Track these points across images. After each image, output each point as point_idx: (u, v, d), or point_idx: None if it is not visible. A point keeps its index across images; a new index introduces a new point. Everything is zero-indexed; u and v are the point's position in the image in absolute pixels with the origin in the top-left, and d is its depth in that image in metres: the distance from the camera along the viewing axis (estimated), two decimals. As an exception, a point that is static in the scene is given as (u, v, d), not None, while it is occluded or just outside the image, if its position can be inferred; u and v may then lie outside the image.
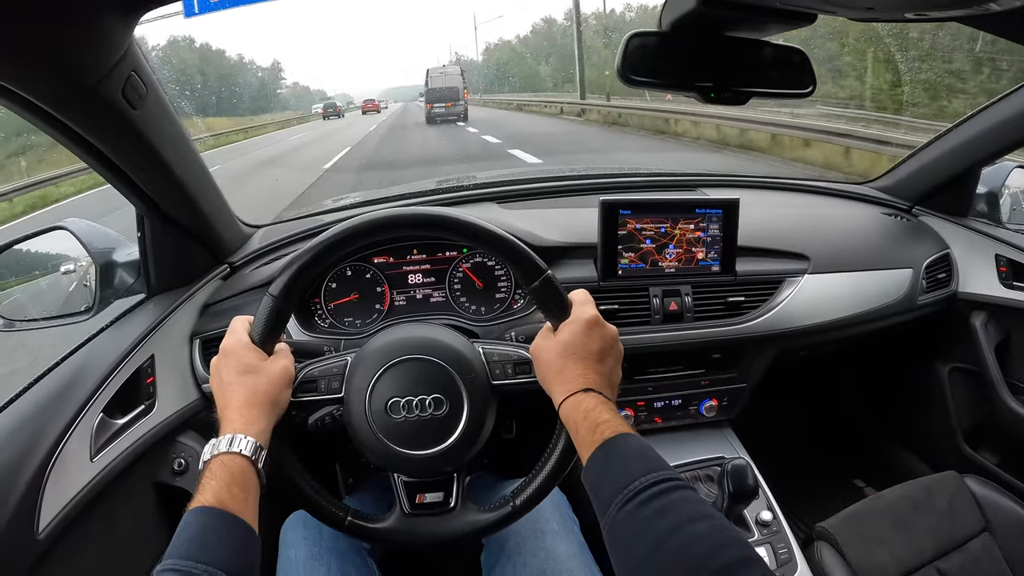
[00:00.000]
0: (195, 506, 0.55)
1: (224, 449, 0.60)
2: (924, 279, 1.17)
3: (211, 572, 0.50)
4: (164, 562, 0.51)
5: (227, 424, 0.63)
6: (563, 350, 0.66)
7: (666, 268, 1.01)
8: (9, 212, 8.36)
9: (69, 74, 0.65)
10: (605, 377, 0.65)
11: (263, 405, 0.65)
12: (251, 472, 0.60)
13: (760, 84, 0.85)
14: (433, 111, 18.38)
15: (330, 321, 1.01)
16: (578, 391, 0.63)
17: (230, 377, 0.66)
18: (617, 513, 0.53)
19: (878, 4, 0.69)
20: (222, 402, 0.65)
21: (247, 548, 0.55)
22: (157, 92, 0.80)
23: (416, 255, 1.02)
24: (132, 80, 0.73)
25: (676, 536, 0.49)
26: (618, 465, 0.56)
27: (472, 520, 0.72)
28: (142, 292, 1.03)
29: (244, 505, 0.57)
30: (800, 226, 1.17)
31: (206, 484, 0.57)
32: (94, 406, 0.82)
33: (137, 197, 0.91)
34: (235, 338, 0.68)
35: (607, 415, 0.60)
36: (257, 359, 0.67)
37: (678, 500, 0.52)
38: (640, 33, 0.81)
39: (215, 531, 0.54)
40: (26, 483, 0.70)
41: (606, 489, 0.55)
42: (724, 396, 1.09)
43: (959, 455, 1.30)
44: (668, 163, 7.53)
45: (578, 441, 0.61)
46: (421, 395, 0.69)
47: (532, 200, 1.22)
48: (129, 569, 0.91)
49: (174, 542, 0.53)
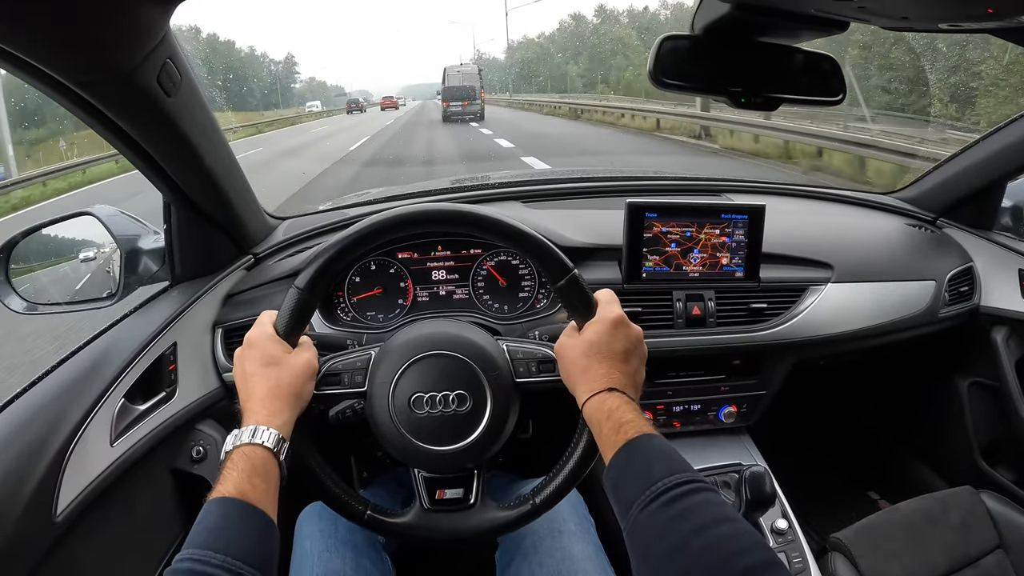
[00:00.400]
0: (215, 496, 0.55)
1: (247, 440, 0.60)
2: (947, 292, 1.17)
3: (230, 563, 0.50)
4: (183, 551, 0.51)
5: (250, 415, 0.63)
6: (588, 349, 0.66)
7: (690, 272, 1.01)
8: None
9: (106, 59, 0.66)
10: (629, 377, 0.66)
11: (286, 397, 0.65)
12: (273, 464, 0.60)
13: (790, 90, 0.86)
14: (449, 109, 18.81)
15: (353, 315, 1.02)
16: (602, 390, 0.63)
17: (254, 368, 0.66)
18: (639, 513, 0.53)
19: (912, 13, 0.69)
20: (245, 393, 0.66)
21: (266, 540, 0.55)
22: (191, 81, 0.81)
23: (440, 251, 1.03)
24: (167, 67, 0.74)
25: (699, 538, 0.49)
26: (641, 465, 0.57)
27: (491, 517, 0.73)
28: (166, 280, 1.04)
29: (265, 497, 0.57)
30: (824, 234, 1.17)
31: (227, 474, 0.57)
32: (116, 391, 0.83)
33: (165, 185, 0.92)
34: (260, 330, 0.69)
35: (631, 415, 0.61)
36: (281, 351, 0.67)
37: (701, 502, 0.52)
38: (672, 36, 0.81)
39: (235, 522, 0.54)
40: (46, 465, 0.70)
41: (628, 489, 0.56)
42: (743, 403, 1.09)
43: (975, 470, 1.29)
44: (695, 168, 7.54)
45: (601, 440, 0.62)
46: (445, 391, 0.70)
47: (557, 200, 1.22)
48: (144, 554, 0.91)
49: (193, 531, 0.53)
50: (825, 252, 1.09)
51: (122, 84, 0.70)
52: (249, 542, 0.53)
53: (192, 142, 0.85)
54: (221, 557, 0.50)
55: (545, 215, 1.12)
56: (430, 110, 28.82)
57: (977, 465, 1.30)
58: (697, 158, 8.74)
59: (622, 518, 0.56)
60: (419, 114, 28.70)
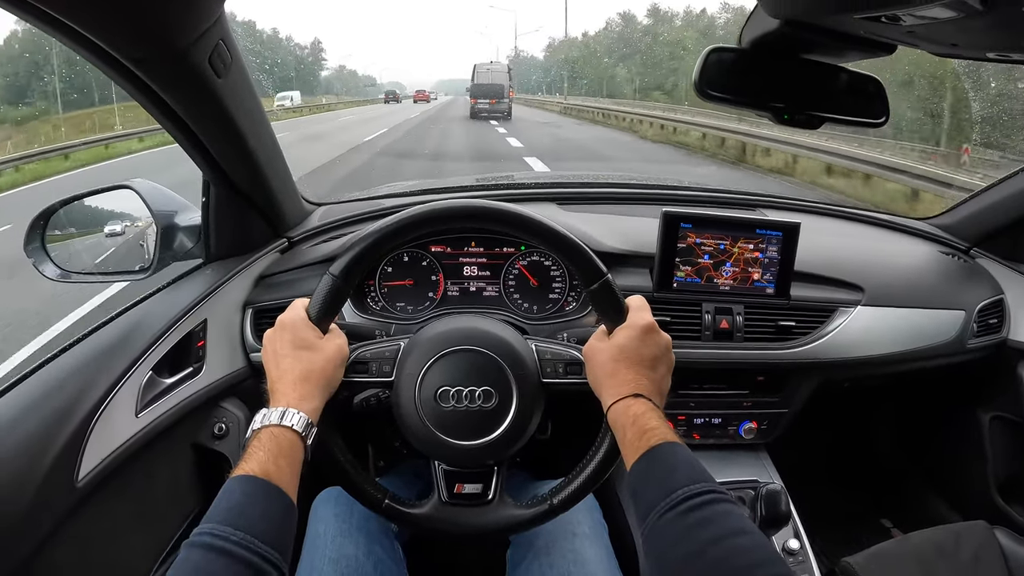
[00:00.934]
0: (239, 473, 0.56)
1: (275, 421, 0.61)
2: (976, 323, 1.16)
3: (248, 540, 0.50)
4: (202, 525, 0.51)
5: (279, 397, 0.64)
6: (617, 354, 0.67)
7: (721, 285, 1.01)
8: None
9: (162, 37, 0.67)
10: (656, 384, 0.66)
11: (317, 382, 0.66)
12: (299, 447, 0.61)
13: (833, 110, 0.86)
14: (477, 107, 19.43)
15: (382, 304, 1.03)
16: (628, 396, 0.64)
17: (285, 350, 0.67)
18: (658, 520, 0.54)
19: (962, 41, 0.69)
20: (275, 374, 0.66)
21: (286, 521, 0.56)
22: (240, 63, 0.82)
23: (474, 247, 1.04)
24: (219, 48, 0.75)
25: (717, 547, 0.50)
26: (663, 472, 0.58)
27: (509, 515, 0.74)
28: (199, 257, 1.05)
29: (288, 479, 0.58)
30: (857, 256, 1.17)
31: (252, 453, 0.58)
32: (144, 363, 0.85)
33: (206, 164, 0.94)
34: (293, 313, 0.70)
35: (655, 422, 0.61)
36: (313, 336, 0.68)
37: (721, 513, 0.53)
38: (719, 48, 0.82)
39: (257, 501, 0.54)
40: (71, 432, 0.72)
41: (649, 495, 0.57)
42: (764, 420, 1.09)
43: (991, 506, 1.28)
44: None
45: (624, 445, 0.63)
46: (471, 386, 0.71)
47: (591, 204, 1.23)
48: (159, 526, 0.93)
49: (215, 507, 0.53)
50: (857, 274, 1.09)
51: (175, 62, 0.71)
52: (269, 523, 0.53)
53: (237, 123, 0.87)
54: (240, 535, 0.50)
55: (579, 218, 1.13)
56: (458, 106, 28.93)
57: (993, 500, 1.29)
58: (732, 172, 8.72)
59: (640, 523, 0.57)
60: (446, 109, 29.38)
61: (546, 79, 61.98)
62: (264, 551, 0.50)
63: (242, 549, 0.49)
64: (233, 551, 0.49)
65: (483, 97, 19.86)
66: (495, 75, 20.53)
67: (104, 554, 0.81)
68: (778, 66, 0.83)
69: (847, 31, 0.73)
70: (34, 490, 0.66)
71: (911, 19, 0.61)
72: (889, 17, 0.61)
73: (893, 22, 0.63)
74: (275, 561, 0.51)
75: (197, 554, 0.49)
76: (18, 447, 0.67)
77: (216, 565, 0.49)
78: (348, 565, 0.79)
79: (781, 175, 8.41)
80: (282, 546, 0.53)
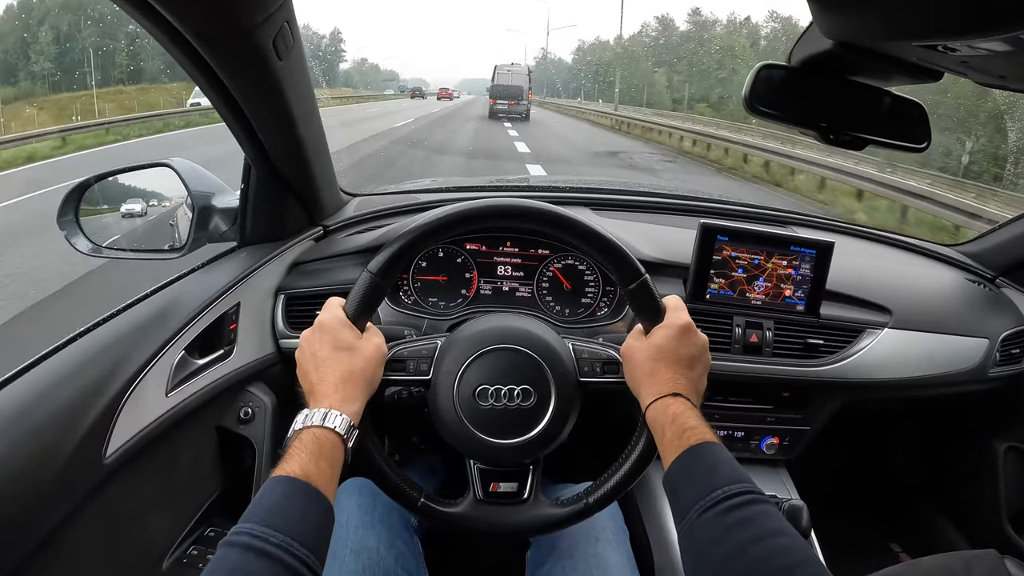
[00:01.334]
0: (280, 474, 0.55)
1: (318, 423, 0.60)
2: (999, 352, 1.17)
3: (288, 543, 0.50)
4: (241, 525, 0.51)
5: (321, 399, 0.63)
6: (655, 353, 0.68)
7: (753, 299, 1.02)
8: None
9: (231, 14, 0.68)
10: (693, 384, 0.67)
11: (359, 383, 0.66)
12: (340, 450, 0.60)
13: (877, 132, 0.87)
14: (496, 107, 19.68)
15: (415, 298, 1.04)
16: (667, 395, 0.65)
17: (325, 352, 0.66)
18: (698, 518, 0.55)
19: (1012, 73, 0.70)
20: (316, 376, 0.65)
21: (324, 525, 0.55)
22: (300, 47, 0.83)
23: (509, 247, 1.04)
24: (284, 31, 0.76)
25: (757, 547, 0.51)
26: (702, 472, 0.58)
27: (544, 514, 0.74)
28: (233, 240, 1.06)
29: (328, 482, 0.57)
30: (885, 278, 1.18)
31: (294, 454, 0.57)
32: (178, 343, 0.85)
33: (251, 145, 0.94)
34: (332, 314, 0.69)
35: (694, 421, 0.62)
36: (353, 337, 0.67)
37: (761, 513, 0.53)
38: (770, 65, 0.83)
39: (296, 503, 0.54)
40: (103, 406, 0.72)
41: (688, 493, 0.57)
42: (786, 436, 1.10)
43: (1002, 536, 1.29)
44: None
45: (663, 444, 0.63)
46: (511, 385, 0.71)
47: (626, 211, 1.24)
48: (179, 507, 0.94)
49: (253, 507, 0.53)
50: (885, 296, 1.10)
51: (240, 41, 0.72)
52: (308, 525, 0.53)
53: (290, 107, 0.87)
54: (280, 536, 0.50)
55: (615, 224, 1.14)
56: (478, 106, 28.33)
57: (1004, 530, 1.30)
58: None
59: (678, 521, 0.58)
60: (466, 108, 29.05)
61: (572, 83, 58.78)
62: (303, 554, 0.50)
63: (282, 551, 0.49)
64: (273, 553, 0.49)
65: (502, 98, 20.05)
66: (515, 76, 20.61)
67: (126, 531, 0.81)
68: (825, 86, 0.84)
69: (900, 56, 0.75)
70: (62, 463, 0.66)
71: (968, 50, 0.62)
72: (946, 46, 0.62)
73: (949, 51, 0.64)
74: (313, 566, 0.51)
75: (236, 554, 0.49)
76: (49, 419, 0.67)
77: (255, 566, 0.48)
78: (369, 557, 0.79)
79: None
80: (319, 550, 0.53)
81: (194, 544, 0.94)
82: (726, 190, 8.71)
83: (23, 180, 7.83)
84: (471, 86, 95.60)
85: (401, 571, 0.81)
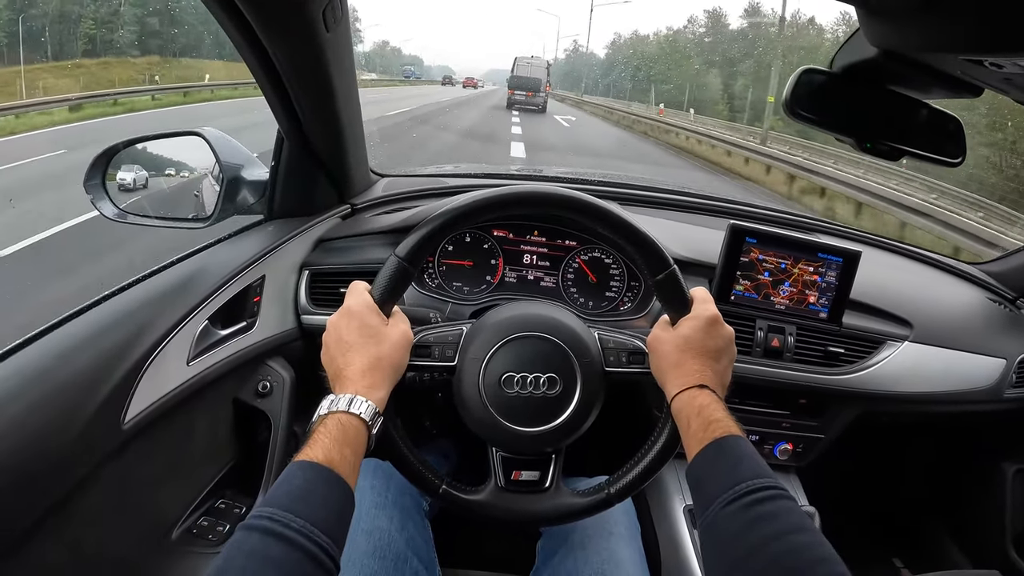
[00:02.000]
0: (303, 459, 0.55)
1: (343, 408, 0.60)
2: (1015, 373, 1.18)
3: (308, 528, 0.50)
4: (262, 508, 0.51)
5: (347, 384, 0.63)
6: (682, 344, 0.68)
7: (777, 304, 1.03)
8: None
9: None
10: (719, 376, 0.67)
11: (386, 370, 0.65)
12: (364, 436, 0.60)
13: (913, 144, 0.87)
14: (514, 97, 20.24)
15: (439, 282, 1.04)
16: (693, 386, 0.65)
17: (352, 337, 0.66)
18: (721, 511, 0.55)
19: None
20: (342, 362, 0.65)
21: (345, 512, 0.55)
22: (348, 20, 0.83)
23: (536, 236, 1.05)
24: (334, 2, 0.76)
25: (779, 542, 0.51)
26: (727, 465, 0.59)
27: (566, 503, 0.74)
28: (259, 213, 1.06)
29: (350, 469, 0.57)
30: (908, 292, 1.18)
31: (318, 439, 0.57)
32: (202, 312, 0.85)
33: (287, 117, 0.94)
34: (359, 299, 0.68)
35: (720, 414, 0.63)
36: (380, 323, 0.67)
37: (784, 509, 0.54)
38: (812, 70, 0.84)
39: (319, 489, 0.54)
40: (125, 371, 0.72)
41: (711, 486, 0.58)
42: (800, 443, 1.11)
43: (1004, 558, 1.30)
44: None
45: (688, 436, 0.63)
46: (537, 373, 0.71)
47: (653, 208, 1.25)
48: (194, 476, 0.94)
49: (275, 491, 0.53)
50: (907, 310, 1.11)
51: (292, 7, 0.72)
52: (329, 512, 0.53)
53: (331, 81, 0.87)
54: (300, 522, 0.50)
55: (642, 219, 1.14)
56: (498, 96, 27.87)
57: (1007, 552, 1.30)
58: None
59: (700, 513, 0.58)
60: (485, 97, 29.38)
61: (603, 80, 54.64)
62: (322, 541, 0.50)
63: (302, 537, 0.49)
64: (293, 538, 0.49)
65: (520, 89, 20.56)
66: (534, 69, 21.15)
67: (138, 499, 0.82)
68: (865, 94, 0.85)
69: (943, 69, 0.75)
70: (82, 425, 0.66)
71: (1014, 67, 0.62)
72: (994, 62, 0.63)
73: (996, 68, 0.64)
74: (332, 553, 0.51)
75: (255, 537, 0.49)
76: (71, 381, 0.67)
77: (275, 551, 0.48)
78: (381, 539, 0.80)
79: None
80: (339, 537, 0.53)
81: (204, 515, 0.94)
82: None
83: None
84: (496, 76, 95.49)
85: (411, 553, 0.81)
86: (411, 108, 16.77)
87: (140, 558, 0.83)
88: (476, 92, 37.35)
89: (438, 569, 0.86)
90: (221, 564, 0.47)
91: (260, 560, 0.47)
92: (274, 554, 0.48)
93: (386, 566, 0.77)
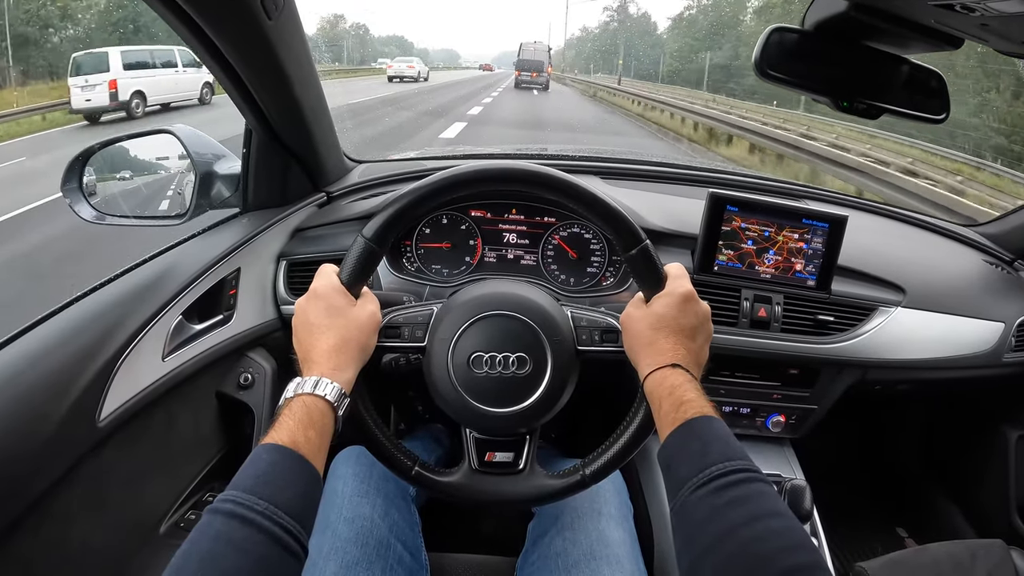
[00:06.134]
0: (268, 442, 0.56)
1: (308, 390, 0.60)
2: (1014, 337, 1.16)
3: (271, 511, 0.50)
4: (227, 492, 0.51)
5: (313, 366, 0.63)
6: (655, 322, 0.67)
7: (762, 273, 1.02)
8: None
9: None
10: (694, 355, 0.66)
11: (352, 351, 0.65)
12: (330, 418, 0.61)
13: (893, 102, 0.86)
14: (521, 77, 26.36)
15: (418, 265, 1.05)
16: (666, 366, 0.64)
17: (318, 319, 0.66)
18: (690, 495, 0.54)
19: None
20: (308, 343, 0.66)
21: (311, 494, 0.56)
22: (293, 8, 0.83)
23: (514, 215, 1.05)
24: None
25: (748, 528, 0.50)
26: (698, 446, 0.57)
27: (540, 484, 0.74)
28: (235, 207, 1.07)
29: (316, 451, 0.58)
30: (900, 256, 1.18)
31: (283, 422, 0.58)
32: (175, 308, 0.86)
33: (250, 110, 0.95)
34: (326, 281, 0.69)
35: (692, 394, 0.61)
36: (347, 304, 0.67)
37: (755, 493, 0.53)
38: (782, 28, 0.83)
39: (283, 472, 0.54)
40: (96, 371, 0.73)
41: (682, 469, 0.56)
42: (793, 414, 1.11)
43: (1008, 526, 1.29)
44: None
45: (659, 416, 0.62)
46: (506, 352, 0.71)
47: (635, 180, 1.24)
48: (179, 471, 0.95)
49: (240, 475, 0.53)
50: (899, 275, 1.10)
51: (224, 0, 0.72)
52: (293, 493, 0.53)
53: (285, 70, 0.87)
54: (264, 504, 0.50)
55: (623, 192, 1.14)
56: (508, 78, 32.89)
57: (1011, 520, 1.30)
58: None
59: (671, 498, 0.57)
60: (497, 80, 33.36)
61: (596, 54, 58.42)
62: (286, 523, 0.51)
63: (265, 519, 0.50)
64: (256, 520, 0.49)
65: (525, 70, 25.98)
66: (537, 52, 26.82)
67: (121, 494, 0.83)
68: (840, 52, 0.84)
69: (917, 19, 0.74)
70: (55, 426, 0.67)
71: (986, 10, 0.61)
72: (964, 5, 0.62)
73: (967, 12, 0.63)
74: (297, 534, 0.51)
75: (220, 520, 0.49)
76: (41, 383, 0.68)
77: (239, 534, 0.48)
78: (363, 526, 0.80)
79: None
80: (305, 519, 0.54)
81: (192, 509, 0.96)
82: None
83: None
84: (506, 60, 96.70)
85: (395, 540, 0.82)
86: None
87: (128, 552, 0.85)
88: (493, 74, 45.20)
89: (424, 554, 0.86)
90: (187, 548, 0.48)
91: (224, 543, 0.48)
92: (238, 537, 0.48)
93: (368, 553, 0.78)
